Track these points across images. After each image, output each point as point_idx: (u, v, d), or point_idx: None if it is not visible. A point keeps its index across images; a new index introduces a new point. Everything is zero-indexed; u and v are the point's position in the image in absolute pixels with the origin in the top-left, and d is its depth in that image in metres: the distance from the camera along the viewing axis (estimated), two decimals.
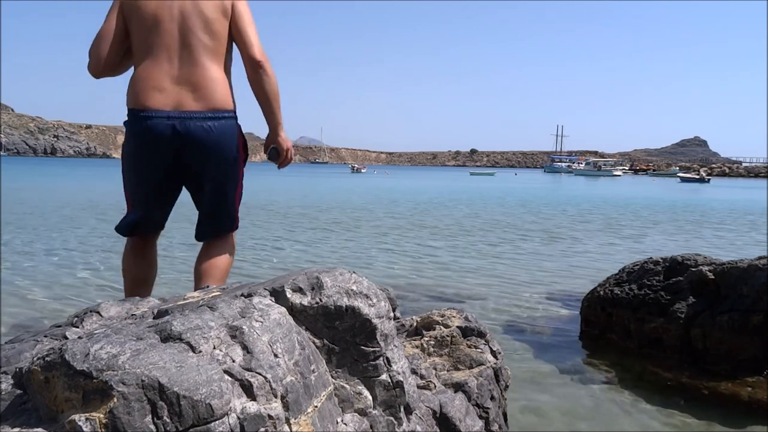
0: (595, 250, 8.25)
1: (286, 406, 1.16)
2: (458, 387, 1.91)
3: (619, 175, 77.49)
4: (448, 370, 2.03)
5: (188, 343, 1.12)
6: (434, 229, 10.74)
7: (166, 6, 2.16)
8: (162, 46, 2.15)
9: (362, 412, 1.39)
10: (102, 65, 2.27)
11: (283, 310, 1.35)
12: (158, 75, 2.15)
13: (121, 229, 2.61)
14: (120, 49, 2.27)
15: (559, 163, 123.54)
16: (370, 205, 16.94)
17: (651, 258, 4.04)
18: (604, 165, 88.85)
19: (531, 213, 15.04)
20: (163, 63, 2.15)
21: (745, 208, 18.64)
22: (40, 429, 1.00)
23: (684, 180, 58.27)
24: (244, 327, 1.20)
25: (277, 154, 2.61)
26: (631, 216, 14.45)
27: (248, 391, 1.11)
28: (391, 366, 1.46)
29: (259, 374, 1.14)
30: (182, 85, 2.15)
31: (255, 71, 2.18)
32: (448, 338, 2.18)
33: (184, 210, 3.60)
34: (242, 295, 1.38)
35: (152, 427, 0.97)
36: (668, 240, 9.71)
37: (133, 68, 2.29)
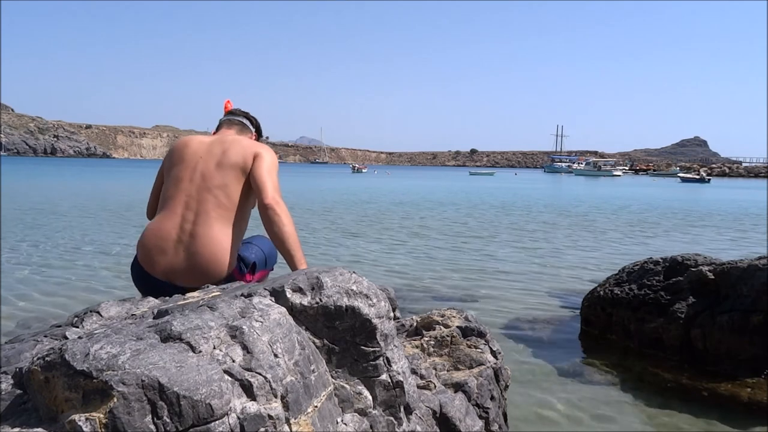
0: (594, 251, 8.25)
1: (286, 406, 1.16)
2: (458, 387, 1.91)
3: (619, 175, 77.44)
4: (448, 370, 2.03)
5: (188, 343, 1.11)
6: (435, 229, 10.74)
7: (189, 168, 2.33)
8: (178, 202, 2.30)
9: (362, 412, 1.39)
10: (150, 215, 2.56)
11: (283, 310, 1.35)
12: (166, 232, 2.27)
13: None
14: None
15: (559, 163, 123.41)
16: (389, 204, 16.95)
17: (651, 258, 4.04)
18: (604, 165, 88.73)
19: (531, 213, 15.04)
20: (175, 217, 2.28)
21: (745, 208, 18.64)
22: (40, 429, 1.00)
23: (684, 180, 58.21)
24: (244, 327, 1.20)
25: None
26: (631, 216, 14.45)
27: (248, 391, 1.11)
28: (391, 366, 1.46)
29: (259, 374, 1.14)
30: (183, 249, 2.25)
31: (264, 213, 2.24)
32: (448, 338, 2.18)
33: None
34: (242, 295, 1.37)
35: (152, 427, 0.97)
36: (668, 240, 9.72)
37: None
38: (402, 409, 1.49)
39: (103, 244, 7.85)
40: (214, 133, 2.59)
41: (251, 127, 2.67)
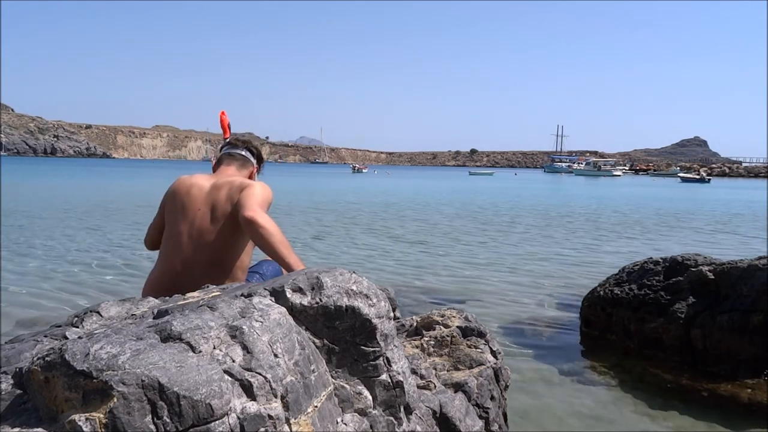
0: (594, 251, 8.25)
1: (286, 406, 1.16)
2: (458, 387, 1.91)
3: (619, 175, 77.37)
4: (448, 370, 2.03)
5: (188, 343, 1.11)
6: (436, 229, 10.74)
7: (188, 221, 2.30)
8: (176, 260, 2.30)
9: (362, 412, 1.39)
10: (148, 247, 2.59)
11: (283, 310, 1.34)
12: (164, 291, 2.24)
13: None
14: (160, 236, 2.48)
15: (560, 163, 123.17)
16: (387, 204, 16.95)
17: (651, 258, 4.04)
18: (604, 165, 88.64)
19: (530, 213, 15.04)
20: (172, 276, 2.30)
21: (745, 208, 18.64)
22: (40, 429, 0.99)
23: (684, 180, 58.19)
24: (244, 327, 1.20)
25: None
26: (631, 216, 14.45)
27: (248, 391, 1.11)
28: (391, 366, 1.46)
29: (259, 374, 1.14)
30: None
31: (247, 229, 2.18)
32: (448, 338, 2.17)
33: None
34: (242, 295, 1.37)
35: (152, 427, 0.97)
36: (668, 240, 9.71)
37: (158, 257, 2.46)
38: (402, 409, 1.49)
39: (100, 244, 7.85)
40: (215, 169, 2.53)
41: (252, 159, 2.59)
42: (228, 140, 2.68)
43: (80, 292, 5.05)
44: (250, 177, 2.55)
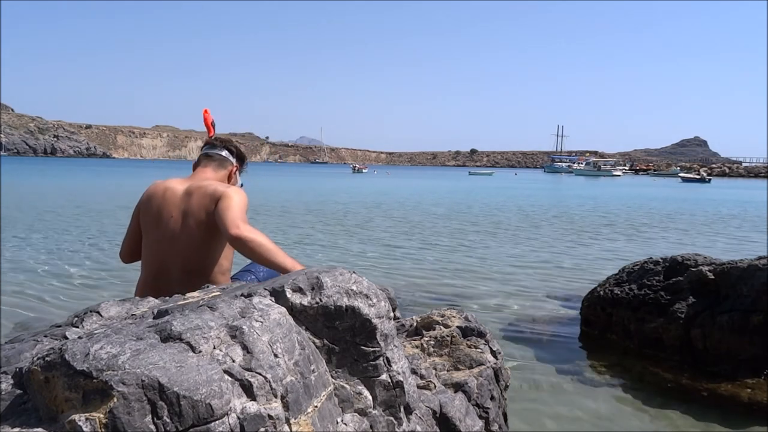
0: (594, 251, 8.25)
1: (286, 406, 1.16)
2: (458, 387, 1.91)
3: (619, 175, 77.35)
4: (448, 370, 2.03)
5: (188, 343, 1.11)
6: (435, 229, 10.74)
7: (161, 228, 2.30)
8: (154, 265, 2.32)
9: (362, 412, 1.39)
10: (123, 259, 2.55)
11: (283, 310, 1.34)
12: (150, 294, 2.22)
13: None
14: (137, 245, 2.46)
15: (560, 163, 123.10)
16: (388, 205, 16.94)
17: (651, 258, 4.04)
18: (604, 165, 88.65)
19: (529, 213, 15.03)
20: (153, 281, 2.31)
21: (745, 208, 18.63)
22: (40, 429, 0.99)
23: (685, 180, 58.28)
24: (244, 327, 1.20)
25: None
26: (633, 216, 14.45)
27: (248, 391, 1.11)
28: (391, 366, 1.46)
29: (259, 374, 1.14)
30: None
31: (235, 246, 2.16)
32: (448, 338, 2.17)
33: None
34: (242, 295, 1.37)
35: (152, 427, 0.97)
36: (668, 240, 9.71)
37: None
38: (402, 409, 1.49)
39: (99, 244, 7.85)
40: (194, 169, 2.52)
41: (231, 158, 2.55)
42: (206, 140, 2.65)
43: (79, 292, 5.04)
44: (230, 176, 2.53)
